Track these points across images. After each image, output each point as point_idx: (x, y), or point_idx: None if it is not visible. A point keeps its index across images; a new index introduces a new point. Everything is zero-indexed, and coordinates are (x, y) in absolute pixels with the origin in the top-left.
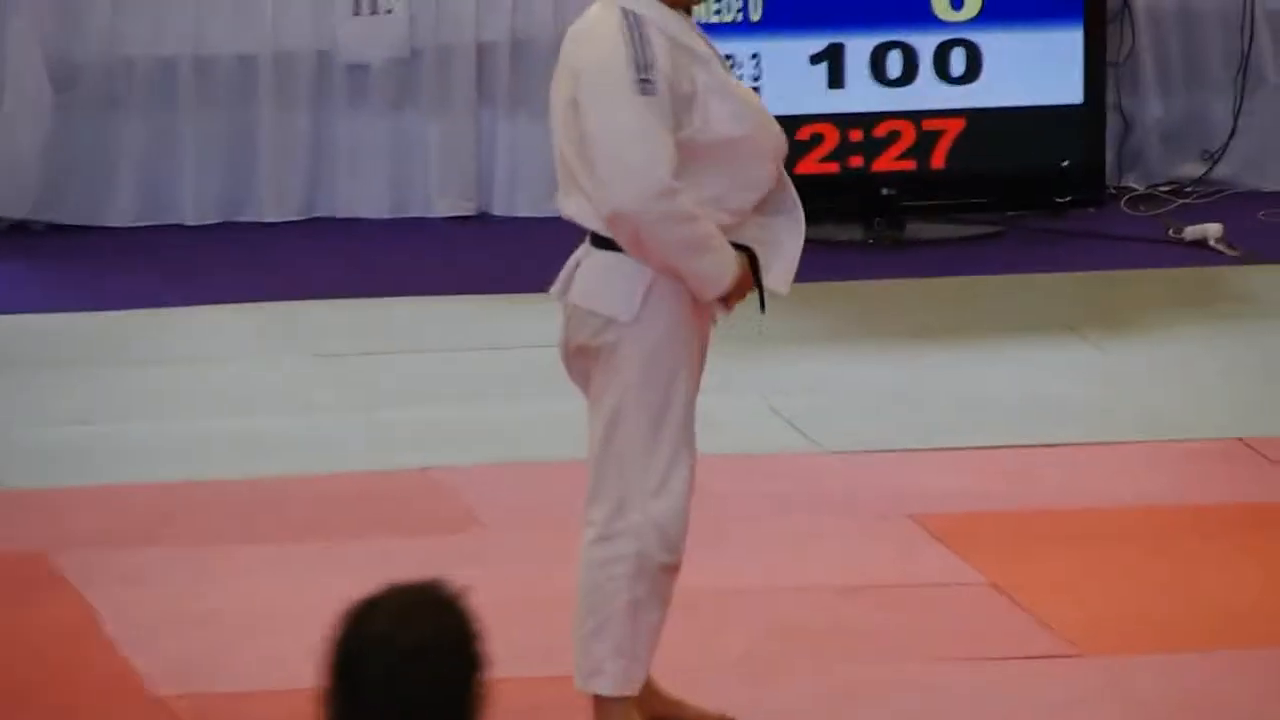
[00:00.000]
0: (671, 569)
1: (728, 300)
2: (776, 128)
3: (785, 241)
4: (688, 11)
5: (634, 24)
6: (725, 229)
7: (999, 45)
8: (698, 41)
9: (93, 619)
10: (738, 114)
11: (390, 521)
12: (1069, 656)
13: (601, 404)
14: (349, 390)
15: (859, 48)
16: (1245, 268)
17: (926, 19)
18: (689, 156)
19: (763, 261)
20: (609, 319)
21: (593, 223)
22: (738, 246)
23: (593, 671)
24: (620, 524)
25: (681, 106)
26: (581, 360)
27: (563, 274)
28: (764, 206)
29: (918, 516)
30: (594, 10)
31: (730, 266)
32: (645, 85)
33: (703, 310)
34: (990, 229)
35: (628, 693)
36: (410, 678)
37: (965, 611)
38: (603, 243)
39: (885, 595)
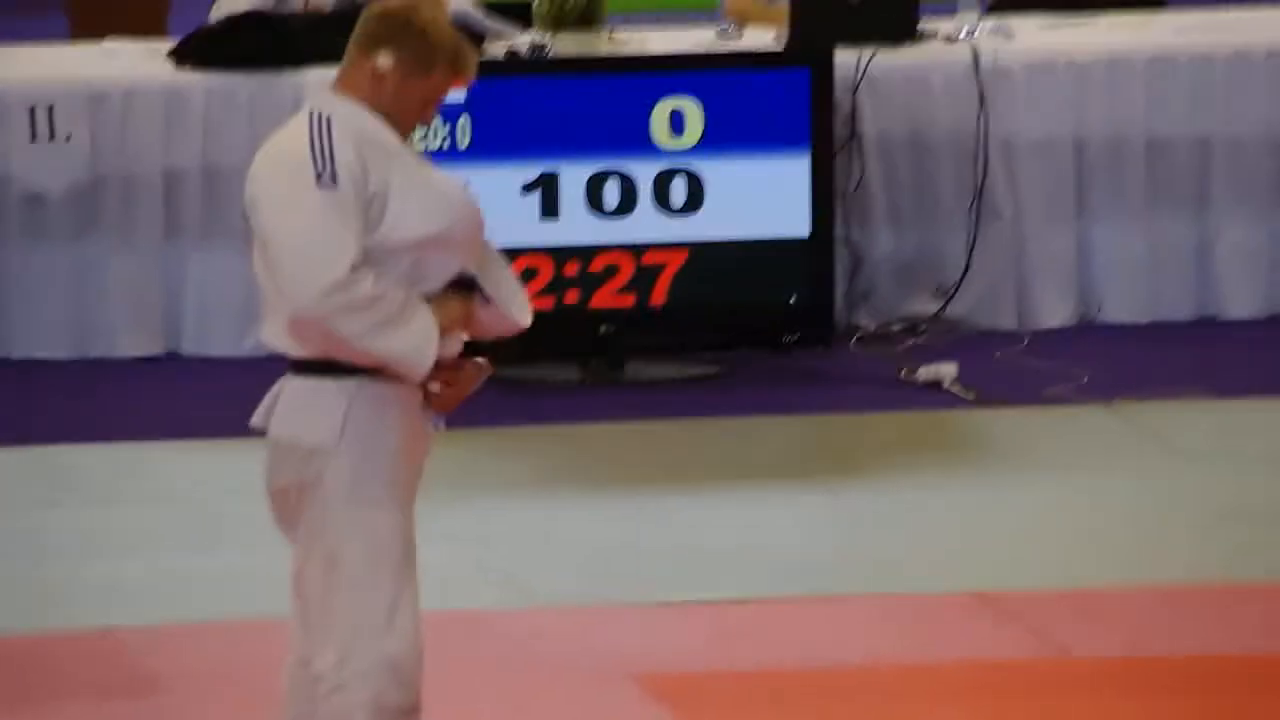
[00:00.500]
0: (410, 711)
1: (444, 373)
2: (476, 214)
3: (503, 282)
4: (401, 131)
5: (319, 121)
6: None
7: (722, 174)
8: (388, 136)
9: None
10: (428, 211)
11: (64, 688)
12: None
13: (315, 544)
14: (19, 543)
15: (574, 176)
16: (981, 410)
17: (645, 146)
18: (381, 254)
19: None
20: (311, 449)
21: (288, 347)
22: (456, 285)
23: None
24: (349, 670)
25: (372, 203)
26: (286, 500)
27: (264, 404)
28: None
29: (639, 677)
30: (290, 121)
31: (431, 330)
32: (323, 179)
33: (416, 425)
34: (713, 369)
35: None
36: None
37: None
38: (300, 368)
39: None
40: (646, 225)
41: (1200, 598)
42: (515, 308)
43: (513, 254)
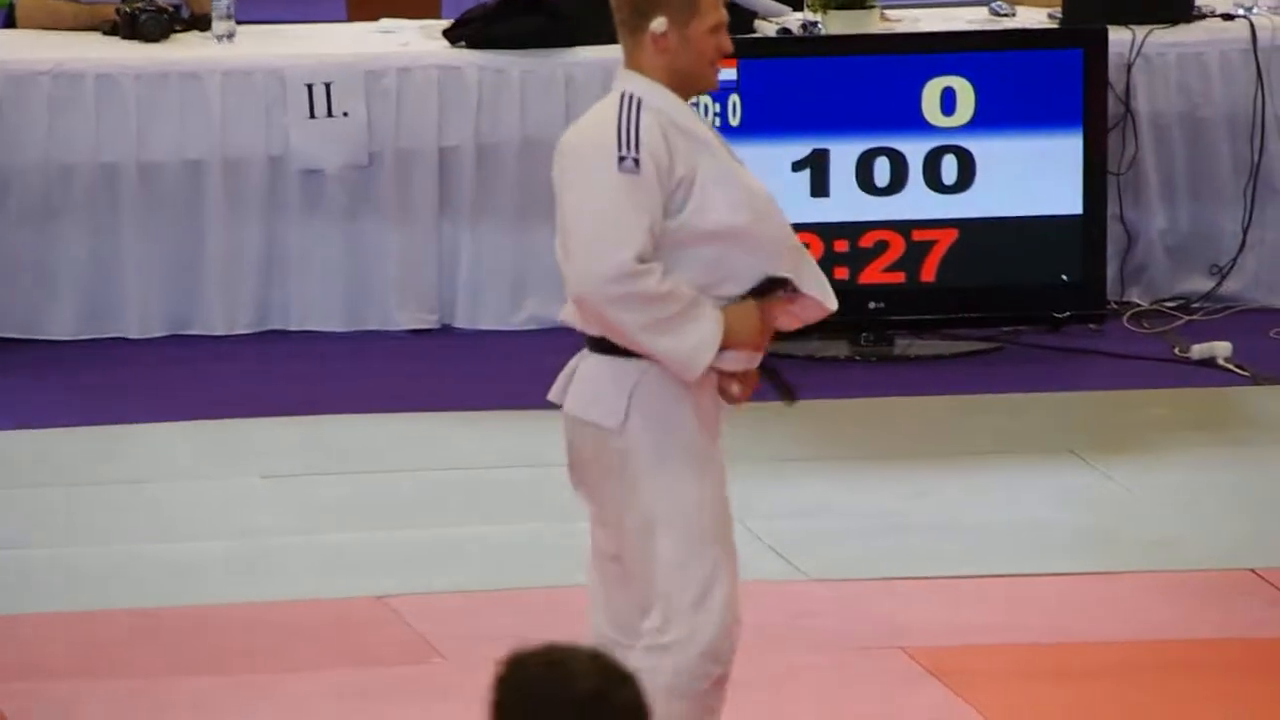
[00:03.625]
0: (720, 680)
1: (739, 376)
2: (781, 220)
3: (807, 271)
4: (688, 94)
5: (629, 103)
6: None
7: (993, 152)
8: (700, 126)
9: None
10: (736, 203)
11: (344, 652)
12: None
13: (628, 517)
14: (298, 513)
15: (844, 154)
16: (1256, 388)
17: (916, 124)
18: (680, 242)
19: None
20: (604, 428)
21: (582, 324)
22: (770, 285)
23: None
24: (665, 638)
25: (676, 190)
26: (586, 472)
27: (560, 379)
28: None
29: (910, 650)
30: (598, 104)
31: (710, 339)
32: (625, 162)
33: (706, 401)
34: (984, 345)
35: None
36: None
37: None
38: (596, 345)
39: None
40: (917, 203)
41: None
42: (824, 295)
43: None
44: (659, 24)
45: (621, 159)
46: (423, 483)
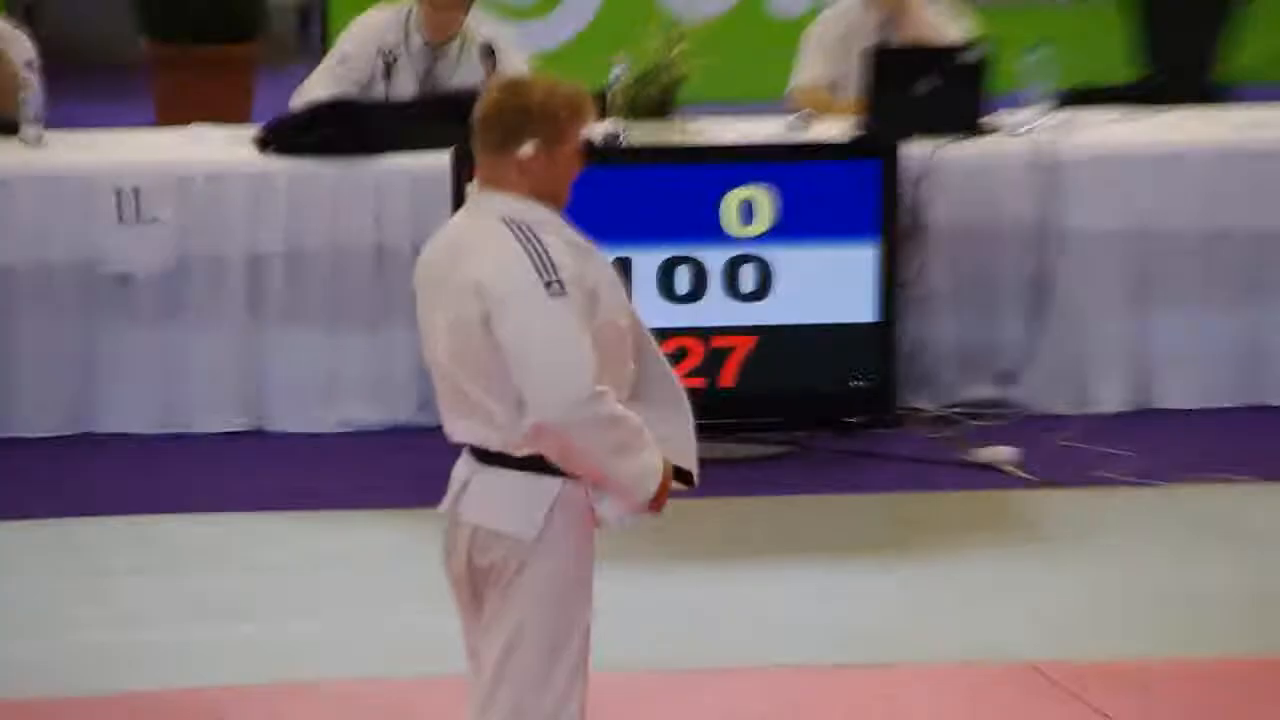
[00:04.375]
0: None
1: (657, 501)
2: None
3: (676, 429)
4: (558, 206)
5: (522, 230)
6: None
7: (791, 261)
8: (578, 235)
9: None
10: (623, 304)
11: None
12: None
13: (501, 624)
14: (122, 609)
15: (646, 262)
16: (1037, 491)
17: (716, 233)
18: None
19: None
20: (514, 539)
21: (489, 443)
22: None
23: None
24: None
25: (589, 301)
26: (474, 578)
27: (451, 490)
28: (647, 395)
29: None
30: (468, 223)
31: (658, 464)
32: (554, 287)
33: (591, 527)
34: (778, 450)
35: None
36: None
37: None
38: (503, 461)
39: None
40: (716, 310)
41: (1253, 672)
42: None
43: None
44: (528, 148)
45: (548, 284)
46: (246, 580)
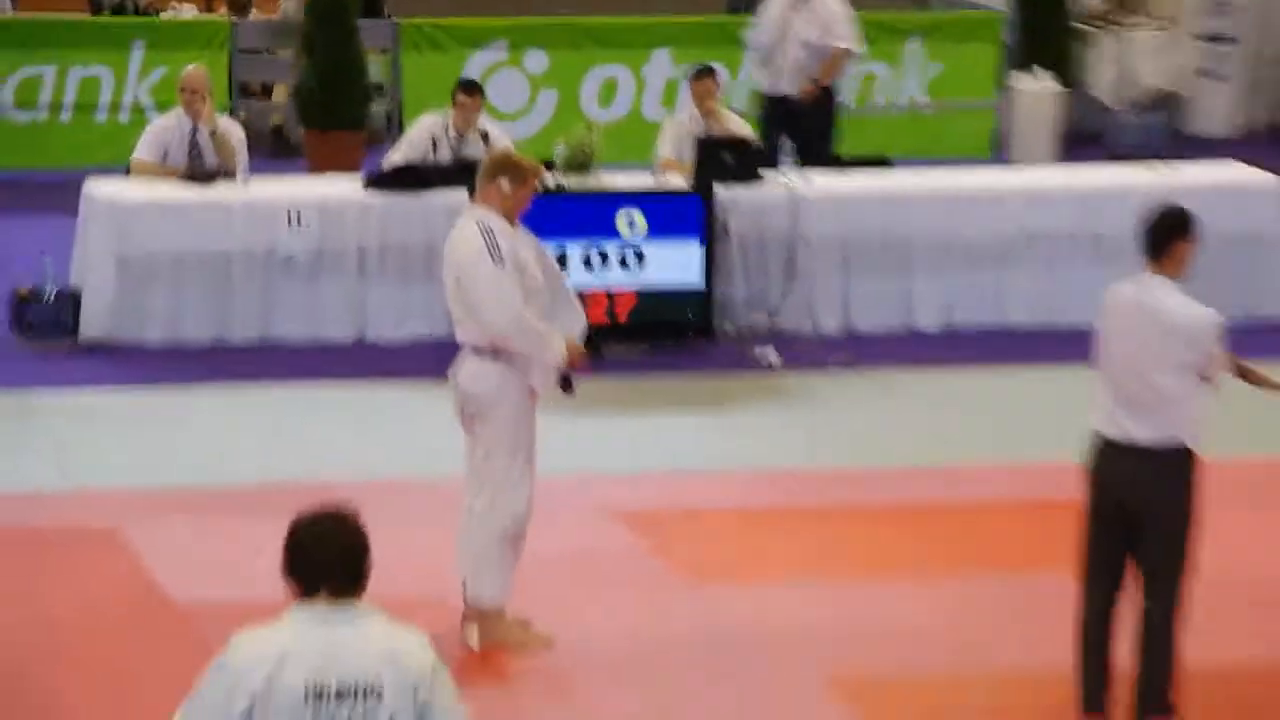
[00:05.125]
0: (521, 536)
1: (569, 365)
2: (539, 285)
3: (574, 325)
4: (511, 221)
5: (484, 227)
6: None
7: (655, 251)
8: (516, 237)
9: None
10: (540, 268)
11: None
12: None
13: (480, 442)
14: None
15: (576, 250)
16: (789, 375)
17: (614, 235)
18: (524, 294)
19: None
20: (481, 395)
21: (469, 339)
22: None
23: (479, 594)
24: (493, 511)
25: (516, 269)
26: (464, 417)
27: (453, 367)
28: (559, 312)
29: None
30: (461, 223)
31: (562, 347)
32: (496, 259)
33: (531, 392)
34: (650, 352)
35: (502, 605)
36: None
37: None
38: (477, 351)
39: None
40: (614, 278)
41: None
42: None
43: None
44: (505, 184)
45: (494, 258)
46: None
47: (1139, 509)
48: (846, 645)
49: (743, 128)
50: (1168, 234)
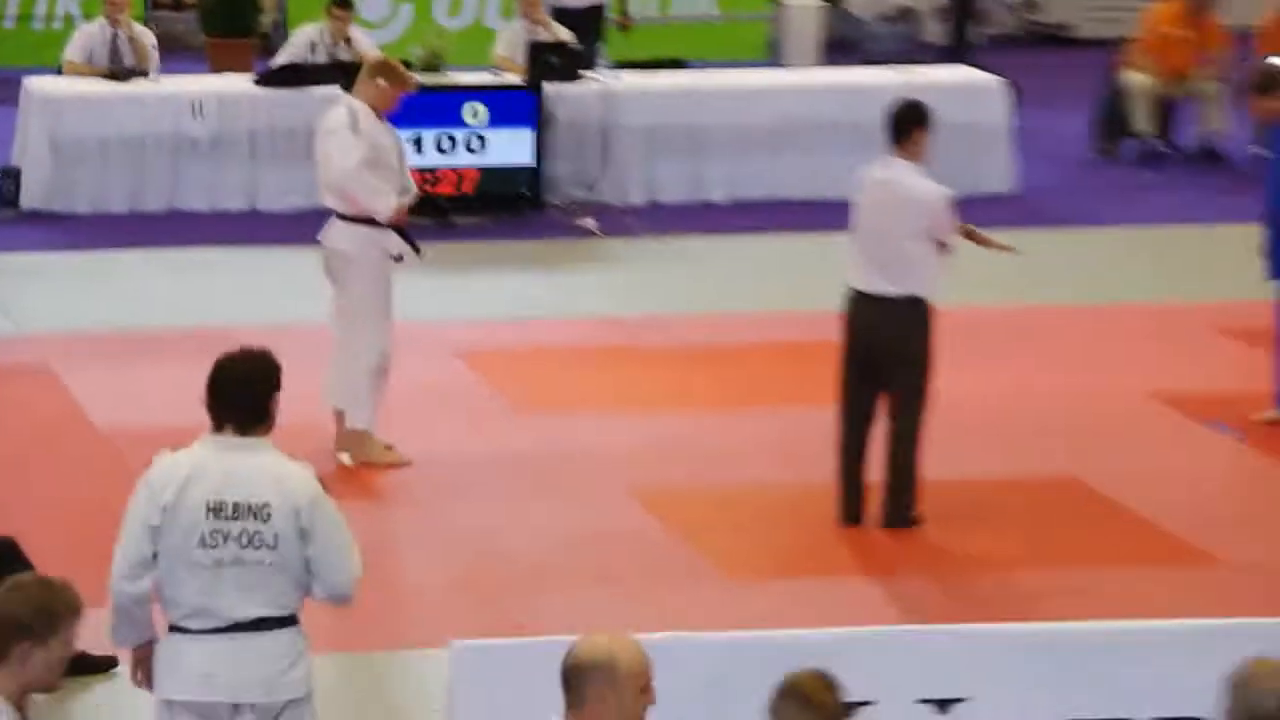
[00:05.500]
0: (385, 370)
1: (400, 219)
2: (394, 162)
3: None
4: (379, 115)
5: (350, 109)
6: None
7: (495, 137)
8: (374, 117)
9: None
10: (394, 152)
11: None
12: None
13: (344, 293)
14: None
15: (429, 137)
16: (606, 241)
17: (460, 123)
18: (368, 163)
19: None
20: (343, 254)
21: (337, 207)
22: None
23: (354, 418)
24: (362, 350)
25: (372, 151)
26: (332, 273)
27: (323, 231)
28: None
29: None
30: (334, 108)
31: (392, 204)
32: (353, 130)
33: (385, 251)
34: (490, 221)
35: (371, 428)
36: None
37: None
38: (341, 216)
39: None
40: (461, 159)
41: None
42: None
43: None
44: (381, 82)
45: (352, 129)
46: None
47: (886, 348)
48: (646, 464)
49: (566, 35)
50: (909, 124)
